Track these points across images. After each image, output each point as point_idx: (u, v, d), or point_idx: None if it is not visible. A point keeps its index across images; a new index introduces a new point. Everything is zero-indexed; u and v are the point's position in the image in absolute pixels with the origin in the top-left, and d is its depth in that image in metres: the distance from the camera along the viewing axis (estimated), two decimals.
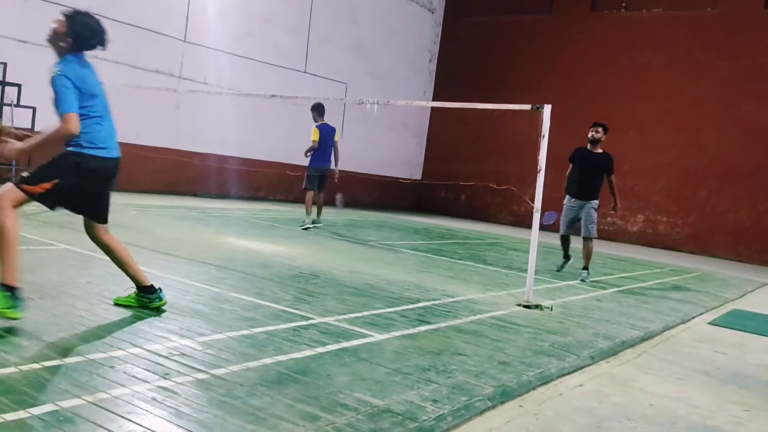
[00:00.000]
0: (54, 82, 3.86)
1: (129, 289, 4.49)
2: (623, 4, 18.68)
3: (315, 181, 11.06)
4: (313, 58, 17.28)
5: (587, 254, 8.71)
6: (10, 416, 2.51)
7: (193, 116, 14.47)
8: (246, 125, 15.40)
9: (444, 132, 20.99)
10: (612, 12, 18.89)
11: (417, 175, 21.73)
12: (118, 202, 11.18)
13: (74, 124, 3.82)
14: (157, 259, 6.46)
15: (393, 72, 20.05)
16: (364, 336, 4.38)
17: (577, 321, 5.80)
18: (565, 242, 9.10)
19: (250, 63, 15.66)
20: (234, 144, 15.24)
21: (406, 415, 3.04)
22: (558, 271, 9.09)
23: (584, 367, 4.38)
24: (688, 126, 17.29)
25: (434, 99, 21.27)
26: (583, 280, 8.41)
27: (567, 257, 9.13)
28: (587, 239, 8.75)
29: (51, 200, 3.94)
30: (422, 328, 4.83)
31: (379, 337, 4.41)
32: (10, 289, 3.63)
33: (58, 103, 3.85)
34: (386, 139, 19.79)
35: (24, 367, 3.04)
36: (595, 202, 8.76)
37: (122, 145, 4.48)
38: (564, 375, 4.11)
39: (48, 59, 4.11)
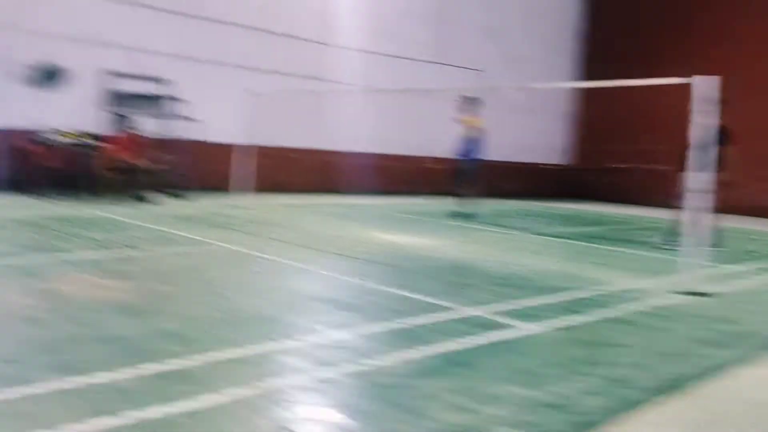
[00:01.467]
0: None
1: None
2: None
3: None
4: (445, 48, 17.22)
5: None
6: (181, 406, 2.73)
7: (332, 116, 14.95)
8: (383, 121, 15.66)
9: (592, 113, 20.04)
10: None
11: (563, 159, 21.00)
12: (273, 203, 11.88)
13: None
14: (311, 255, 6.75)
15: (530, 54, 19.47)
16: (515, 328, 4.31)
17: (745, 308, 5.33)
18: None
19: (384, 59, 15.90)
20: (372, 140, 15.56)
21: (562, 407, 2.96)
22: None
23: (755, 357, 4.01)
24: None
25: (578, 79, 20.38)
26: None
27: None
28: None
29: None
30: (575, 318, 4.67)
31: (530, 328, 4.32)
32: None
33: None
34: (528, 125, 19.28)
35: (194, 359, 3.29)
36: None
37: (274, 149, 4.72)
38: (732, 366, 3.79)
39: (209, 76, 4.41)
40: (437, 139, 16.52)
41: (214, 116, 12.53)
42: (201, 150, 12.37)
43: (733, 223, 8.67)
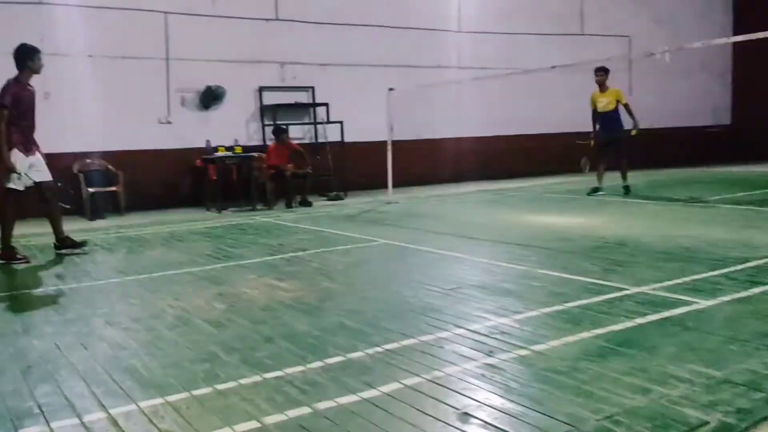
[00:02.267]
0: None
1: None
2: None
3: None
4: (589, 17, 16.50)
5: None
6: (365, 394, 2.91)
7: (475, 102, 14.86)
8: (530, 101, 15.32)
9: (754, 68, 18.33)
10: None
11: (725, 120, 19.36)
12: (420, 195, 12.10)
13: None
14: (466, 243, 6.83)
15: (680, 12, 18.13)
16: (687, 303, 4.11)
17: None
18: None
19: (524, 38, 15.54)
20: (520, 122, 15.28)
21: (749, 385, 2.80)
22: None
23: None
24: None
25: (735, 33, 18.69)
26: None
27: None
28: None
29: None
30: (756, 290, 4.35)
31: (705, 303, 4.09)
32: None
33: None
34: (683, 88, 17.97)
35: (369, 351, 3.48)
36: None
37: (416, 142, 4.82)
38: None
39: (346, 78, 4.61)
40: (579, 115, 15.91)
41: (357, 117, 12.96)
42: (349, 151, 12.84)
43: None
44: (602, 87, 10.79)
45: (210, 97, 11.85)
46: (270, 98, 12.54)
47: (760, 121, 17.69)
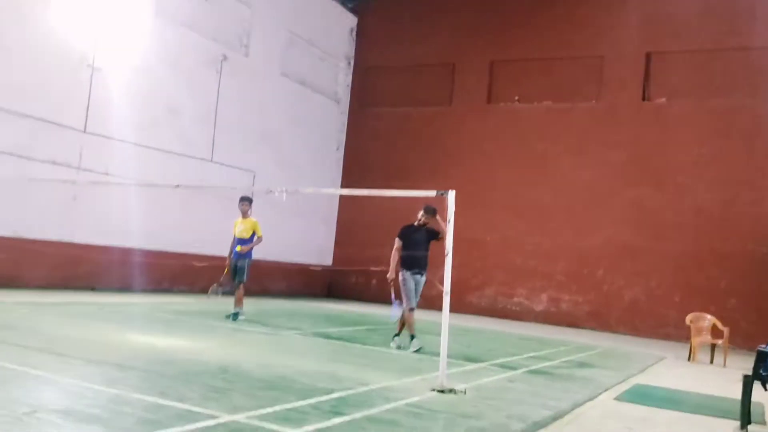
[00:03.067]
0: None
1: None
2: (516, 98, 19.95)
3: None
4: (220, 147, 17.24)
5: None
6: None
7: (93, 208, 13.96)
8: (151, 215, 14.96)
9: (353, 218, 21.21)
10: (507, 104, 20.10)
11: (327, 261, 21.66)
12: (8, 300, 10.51)
13: None
14: (52, 361, 6.02)
15: (301, 160, 20.27)
16: None
17: (490, 403, 5.82)
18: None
19: (156, 152, 15.41)
20: (137, 235, 14.71)
21: None
22: (399, 348, 9.16)
23: None
24: (581, 209, 18.32)
25: (342, 186, 21.58)
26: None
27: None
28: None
29: None
30: (336, 420, 4.70)
31: None
32: None
33: None
34: (295, 227, 19.73)
35: None
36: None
37: (10, 241, 4.25)
38: None
39: None
40: (207, 237, 16.17)
41: None
42: None
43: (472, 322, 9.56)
44: (244, 215, 11.29)
45: None
46: None
47: (355, 264, 20.23)
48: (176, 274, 15.99)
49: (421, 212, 9.08)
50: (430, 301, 18.93)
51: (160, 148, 15.50)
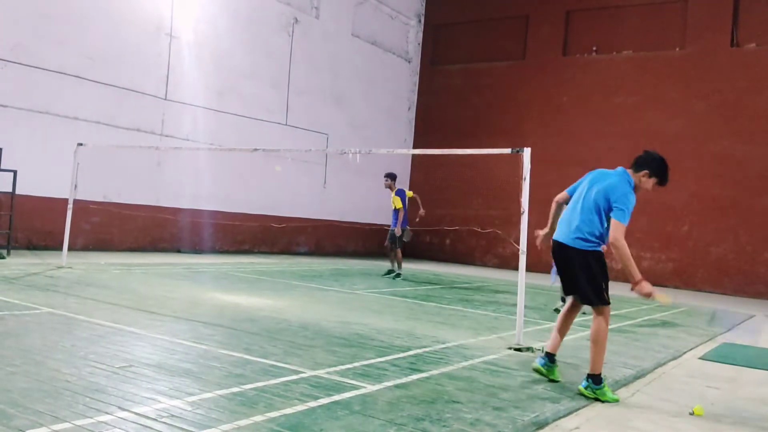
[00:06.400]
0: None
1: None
2: (594, 48, 19.19)
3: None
4: (293, 111, 17.47)
5: None
6: None
7: (175, 173, 14.49)
8: (229, 179, 15.43)
9: (426, 178, 21.15)
10: (584, 56, 19.37)
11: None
12: (101, 262, 11.14)
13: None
14: (143, 318, 6.37)
15: (373, 121, 20.30)
16: (356, 388, 4.33)
17: (568, 362, 5.77)
18: None
19: (232, 117, 15.79)
20: (217, 199, 15.24)
21: None
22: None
23: (579, 409, 4.34)
24: None
25: (414, 146, 21.50)
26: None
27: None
28: None
29: None
30: (414, 376, 4.78)
31: (371, 388, 4.36)
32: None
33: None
34: (370, 188, 19.85)
35: None
36: None
37: (102, 205, 4.47)
38: (559, 418, 4.08)
39: (28, 124, 4.12)
40: (283, 199, 16.54)
41: (35, 168, 11.64)
42: (21, 205, 11.39)
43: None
44: (391, 189, 12.98)
45: None
46: None
47: (429, 224, 20.22)
48: (257, 236, 16.48)
49: None
50: (505, 260, 18.90)
51: (235, 113, 15.87)
